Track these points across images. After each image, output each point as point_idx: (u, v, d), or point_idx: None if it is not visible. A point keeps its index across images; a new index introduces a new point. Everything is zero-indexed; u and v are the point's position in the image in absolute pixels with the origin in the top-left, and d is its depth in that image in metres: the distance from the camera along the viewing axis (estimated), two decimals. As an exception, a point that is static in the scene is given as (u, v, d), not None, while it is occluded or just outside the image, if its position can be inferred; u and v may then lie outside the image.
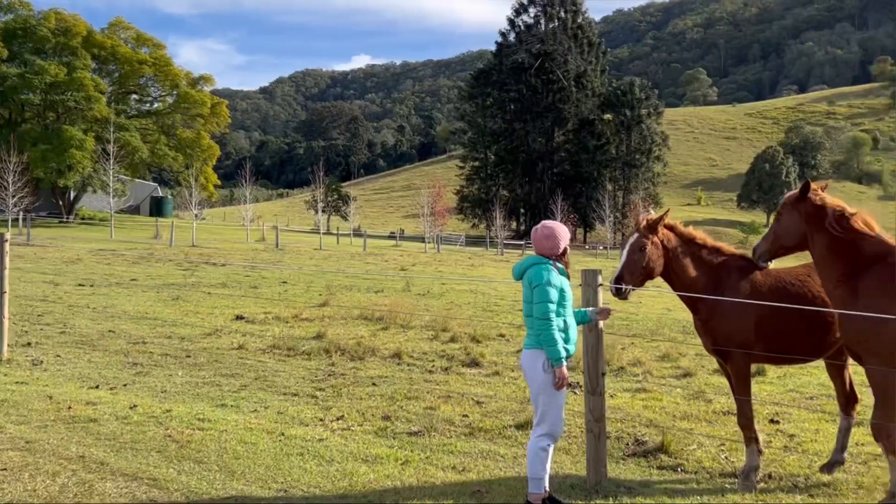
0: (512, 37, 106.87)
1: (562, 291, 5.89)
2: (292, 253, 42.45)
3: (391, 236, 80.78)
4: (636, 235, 7.14)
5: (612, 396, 10.38)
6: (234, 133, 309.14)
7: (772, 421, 9.33)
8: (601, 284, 6.61)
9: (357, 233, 72.36)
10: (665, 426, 8.75)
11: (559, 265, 6.00)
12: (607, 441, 8.03)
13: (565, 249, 6.07)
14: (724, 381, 11.68)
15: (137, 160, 67.76)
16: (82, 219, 65.94)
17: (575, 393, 10.50)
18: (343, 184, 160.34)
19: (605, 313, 6.47)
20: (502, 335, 15.38)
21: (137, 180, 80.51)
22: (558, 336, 5.75)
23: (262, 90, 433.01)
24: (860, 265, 6.43)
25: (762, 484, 6.90)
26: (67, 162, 60.03)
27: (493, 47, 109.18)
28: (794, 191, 6.85)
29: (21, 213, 47.63)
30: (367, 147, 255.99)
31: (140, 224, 66.51)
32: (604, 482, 6.50)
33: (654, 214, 7.32)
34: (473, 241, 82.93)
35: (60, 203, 67.08)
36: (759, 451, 7.24)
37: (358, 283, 25.95)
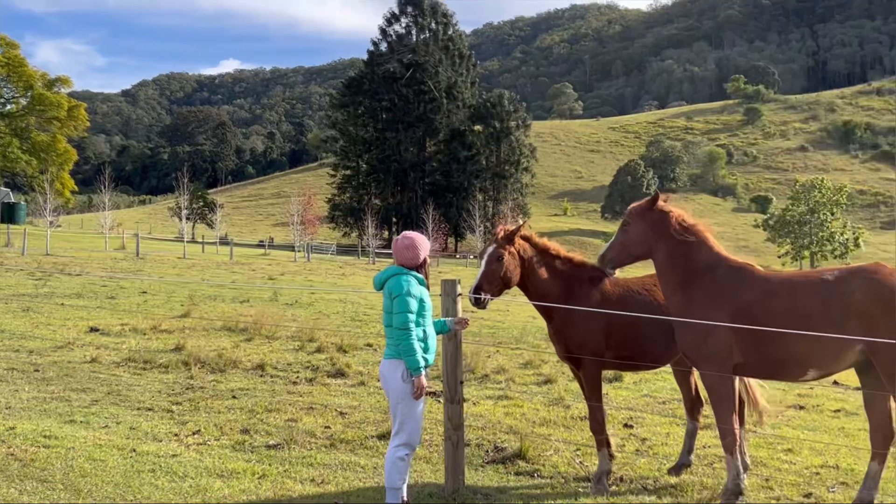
0: (384, 46, 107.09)
1: (421, 302, 5.94)
2: (154, 262, 41.00)
3: (260, 245, 79.35)
4: (494, 246, 7.28)
5: (474, 404, 10.51)
6: (94, 137, 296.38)
7: (626, 425, 9.66)
8: (460, 294, 6.69)
9: (224, 241, 70.67)
10: (524, 433, 8.91)
11: (419, 275, 6.05)
12: (467, 449, 8.14)
13: (425, 260, 6.13)
14: (576, 387, 12.06)
15: (-14, 164, 64.28)
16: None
17: (439, 401, 10.58)
18: (210, 190, 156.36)
19: (464, 323, 6.56)
20: (370, 345, 15.34)
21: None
22: (417, 346, 5.79)
23: (125, 93, 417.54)
24: (695, 274, 6.77)
25: (613, 487, 7.13)
26: None
27: (365, 55, 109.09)
28: (642, 201, 7.14)
29: None
30: (236, 153, 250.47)
31: (-11, 231, 62.91)
32: (462, 490, 6.56)
33: (510, 226, 7.50)
34: (345, 250, 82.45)
35: None
36: (611, 456, 7.48)
37: (223, 293, 25.34)
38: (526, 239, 7.47)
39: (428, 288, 6.15)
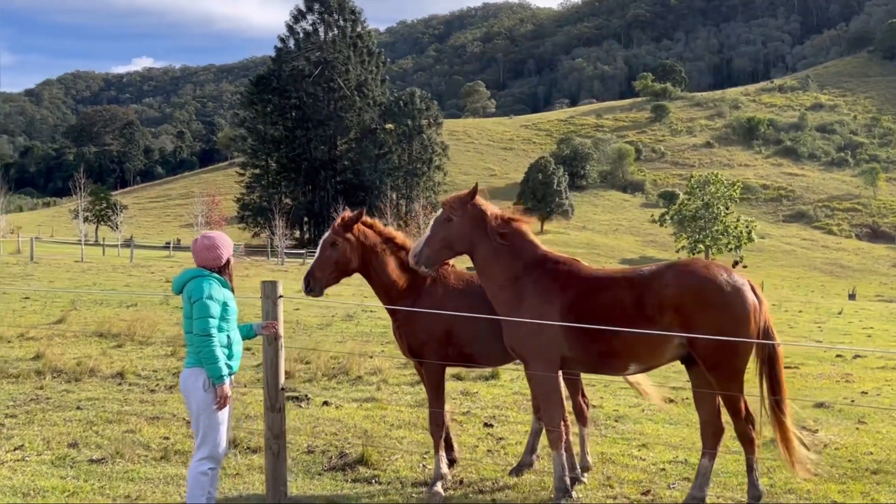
0: (291, 43, 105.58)
1: (225, 305, 5.62)
2: (48, 266, 39.47)
3: (166, 247, 77.30)
4: (329, 232, 7.12)
5: (336, 408, 10.23)
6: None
7: (486, 424, 9.51)
8: (281, 296, 6.39)
9: (127, 243, 68.63)
10: (377, 436, 8.68)
11: (222, 278, 5.72)
12: (311, 455, 7.88)
13: (228, 260, 5.81)
14: (453, 385, 11.88)
15: None
16: None
17: (300, 406, 10.25)
18: (117, 191, 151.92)
19: (270, 327, 6.25)
20: (249, 349, 14.89)
21: None
22: (220, 353, 5.47)
23: (28, 92, 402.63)
24: (523, 269, 6.66)
25: (450, 491, 6.93)
26: None
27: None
28: (461, 193, 6.94)
29: None
30: (144, 153, 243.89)
31: None
32: (283, 501, 6.26)
33: (350, 213, 7.30)
34: (255, 251, 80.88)
35: None
36: (452, 460, 7.29)
37: (111, 298, 24.46)
38: (369, 226, 7.27)
39: (233, 290, 5.83)
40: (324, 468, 7.50)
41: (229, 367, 5.59)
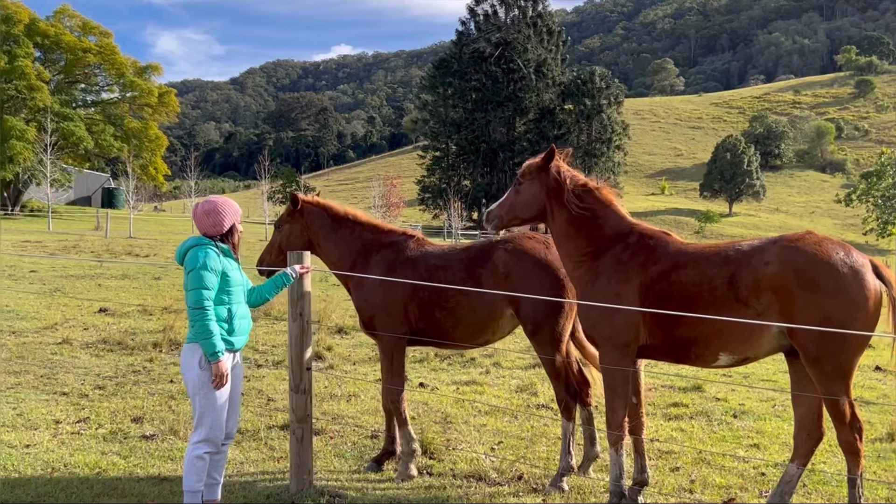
0: (472, 25, 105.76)
1: (225, 276, 5.18)
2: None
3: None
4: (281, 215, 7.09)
5: (432, 390, 9.77)
6: (205, 125, 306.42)
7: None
8: (307, 268, 5.92)
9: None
10: (456, 422, 8.13)
11: (224, 246, 5.29)
12: (376, 440, 7.38)
13: (233, 228, 5.36)
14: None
15: (82, 151, 66.37)
16: (31, 210, 64.49)
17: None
18: (310, 174, 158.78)
19: (304, 268, 5.96)
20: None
21: (89, 171, 79.06)
22: (215, 327, 5.05)
23: (233, 81, 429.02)
24: (604, 244, 5.88)
25: (499, 486, 6.25)
26: (8, 153, 58.58)
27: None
28: (537, 158, 6.22)
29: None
30: (337, 138, 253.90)
31: (88, 215, 65.09)
32: (307, 491, 5.79)
33: (304, 195, 7.13)
34: (433, 232, 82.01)
35: (6, 195, 65.59)
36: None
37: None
38: (316, 205, 7.06)
39: (237, 260, 5.39)
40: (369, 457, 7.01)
41: (229, 343, 5.17)
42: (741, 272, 5.37)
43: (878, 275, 5.33)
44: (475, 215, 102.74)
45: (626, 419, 5.78)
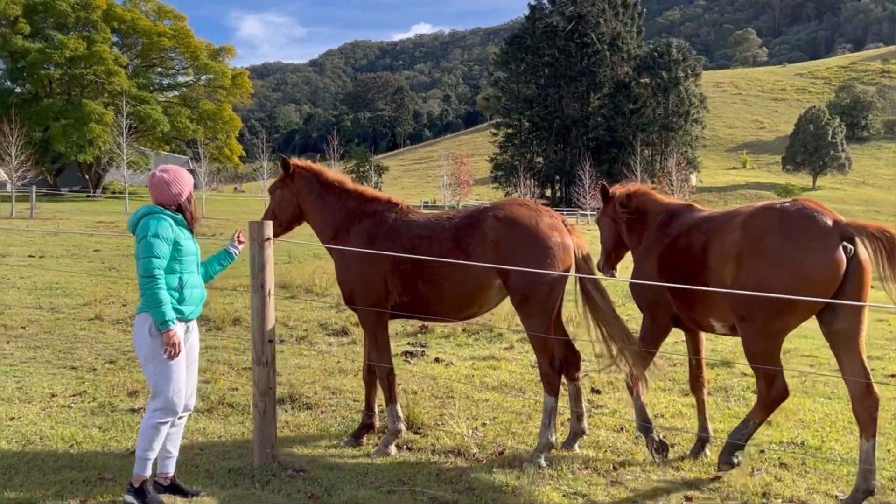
0: (546, 0, 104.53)
1: (177, 245, 5.11)
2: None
3: (424, 205, 79.93)
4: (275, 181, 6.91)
5: (446, 365, 9.62)
6: (285, 107, 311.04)
7: (593, 391, 8.39)
8: (268, 238, 5.74)
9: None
10: (458, 398, 7.90)
11: (177, 216, 5.20)
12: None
13: (190, 197, 5.28)
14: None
15: (159, 133, 67.94)
16: (112, 192, 66.43)
17: (408, 362, 9.64)
18: (385, 154, 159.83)
19: (237, 239, 5.86)
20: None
21: (168, 153, 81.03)
22: (165, 296, 4.96)
23: (312, 63, 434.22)
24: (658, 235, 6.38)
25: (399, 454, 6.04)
26: (87, 136, 60.35)
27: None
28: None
29: (33, 186, 47.95)
30: (413, 117, 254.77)
31: (166, 197, 66.71)
32: (270, 466, 5.64)
33: (297, 159, 6.85)
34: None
35: (87, 177, 67.69)
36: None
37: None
38: (308, 170, 6.86)
39: (192, 230, 5.30)
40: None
41: (180, 312, 5.09)
42: (713, 240, 5.74)
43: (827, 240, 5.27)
44: (547, 192, 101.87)
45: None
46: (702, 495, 5.44)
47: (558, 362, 6.17)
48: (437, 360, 9.86)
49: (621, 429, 7.03)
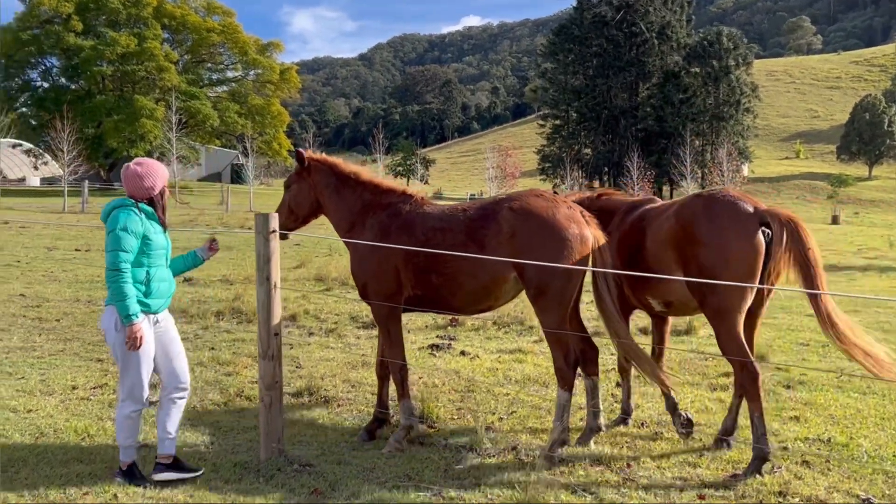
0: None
1: (146, 239, 5.17)
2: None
3: (471, 197, 79.85)
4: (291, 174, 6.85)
5: (472, 358, 9.52)
6: (335, 101, 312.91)
7: (616, 384, 8.23)
8: (274, 231, 5.69)
9: (437, 196, 71.86)
10: (477, 391, 7.81)
11: (147, 209, 5.21)
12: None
13: (163, 191, 5.28)
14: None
15: (209, 128, 68.81)
16: (163, 187, 67.51)
17: (434, 355, 9.56)
18: (433, 147, 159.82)
19: (212, 248, 5.75)
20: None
21: (218, 148, 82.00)
22: (130, 290, 5.02)
23: (361, 57, 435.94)
24: None
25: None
26: (139, 131, 61.42)
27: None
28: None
29: (85, 181, 48.92)
30: (462, 110, 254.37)
31: (217, 191, 67.64)
32: (275, 460, 5.60)
33: (314, 153, 6.75)
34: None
35: (139, 172, 68.82)
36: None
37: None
38: (323, 162, 6.78)
39: (164, 225, 5.30)
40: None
41: (146, 305, 5.15)
42: (650, 227, 6.35)
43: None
44: (595, 184, 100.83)
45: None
46: (716, 493, 5.27)
47: (574, 357, 6.03)
48: (462, 353, 9.77)
49: (642, 424, 6.88)
